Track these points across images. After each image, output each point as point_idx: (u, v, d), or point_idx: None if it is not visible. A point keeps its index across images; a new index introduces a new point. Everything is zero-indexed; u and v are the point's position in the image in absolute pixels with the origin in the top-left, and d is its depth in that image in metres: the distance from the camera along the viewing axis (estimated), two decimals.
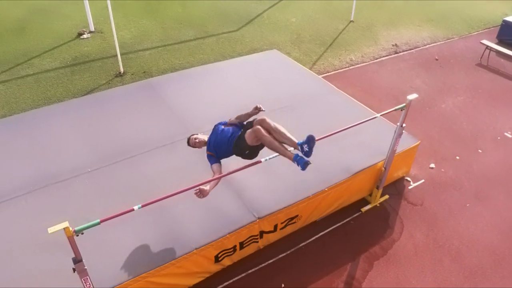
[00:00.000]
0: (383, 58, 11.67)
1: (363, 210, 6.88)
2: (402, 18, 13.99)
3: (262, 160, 4.80)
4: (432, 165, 7.87)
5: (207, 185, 4.72)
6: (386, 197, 7.13)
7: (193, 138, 5.30)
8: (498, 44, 12.13)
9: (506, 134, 8.82)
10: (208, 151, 5.16)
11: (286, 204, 5.85)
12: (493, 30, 13.58)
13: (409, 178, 7.53)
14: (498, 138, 8.71)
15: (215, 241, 5.32)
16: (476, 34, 13.39)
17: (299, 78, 9.03)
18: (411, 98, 5.70)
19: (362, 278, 5.86)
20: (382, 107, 8.81)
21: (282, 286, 5.69)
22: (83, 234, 3.76)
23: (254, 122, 4.80)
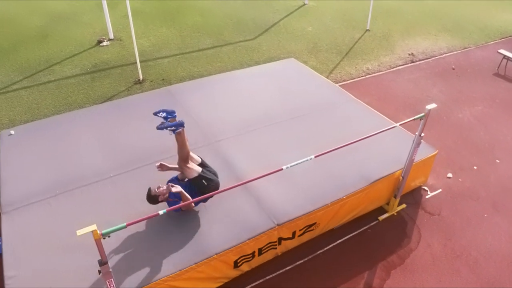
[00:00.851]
0: (400, 67, 11.69)
1: (380, 218, 6.90)
2: (418, 27, 14.02)
3: (283, 167, 4.86)
4: (449, 174, 7.86)
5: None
6: (404, 206, 7.13)
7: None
8: None
9: None
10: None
11: (305, 211, 5.89)
12: (510, 39, 13.55)
13: (426, 188, 7.52)
14: None
15: (235, 246, 5.39)
16: (493, 43, 13.34)
17: (316, 87, 9.08)
18: (430, 107, 5.69)
19: (380, 286, 5.87)
20: (398, 116, 8.86)
21: None
22: (110, 237, 3.87)
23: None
